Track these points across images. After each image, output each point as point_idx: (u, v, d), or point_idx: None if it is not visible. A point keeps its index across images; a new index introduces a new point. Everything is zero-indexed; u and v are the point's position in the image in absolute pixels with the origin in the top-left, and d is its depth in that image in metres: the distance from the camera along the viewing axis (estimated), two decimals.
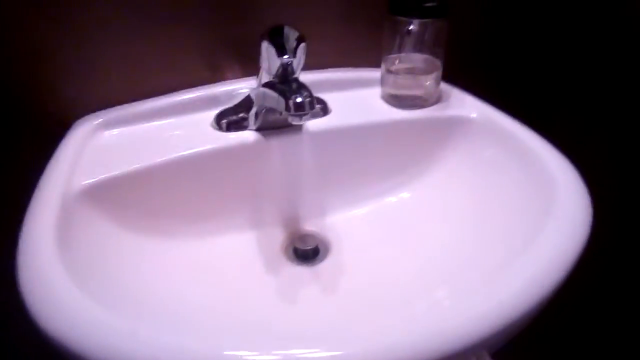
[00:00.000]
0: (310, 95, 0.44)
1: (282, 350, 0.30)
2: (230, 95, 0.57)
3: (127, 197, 0.47)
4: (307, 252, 0.53)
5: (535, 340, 0.96)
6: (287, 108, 0.44)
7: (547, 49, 0.78)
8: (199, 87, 0.58)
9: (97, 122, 0.53)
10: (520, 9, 0.73)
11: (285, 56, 0.45)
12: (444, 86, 0.62)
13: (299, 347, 0.30)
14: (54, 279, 0.34)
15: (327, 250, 0.54)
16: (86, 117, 0.54)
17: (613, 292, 0.79)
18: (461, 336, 0.32)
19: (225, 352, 0.30)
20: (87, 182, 0.45)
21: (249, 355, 0.29)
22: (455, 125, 0.57)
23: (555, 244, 0.39)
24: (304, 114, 0.44)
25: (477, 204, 0.53)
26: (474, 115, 0.57)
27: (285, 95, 0.44)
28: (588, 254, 0.40)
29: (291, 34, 0.47)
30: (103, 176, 0.46)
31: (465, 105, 0.59)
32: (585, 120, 0.78)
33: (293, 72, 0.47)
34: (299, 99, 0.43)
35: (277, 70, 0.46)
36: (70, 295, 0.33)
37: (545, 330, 0.93)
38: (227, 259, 0.51)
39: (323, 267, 0.52)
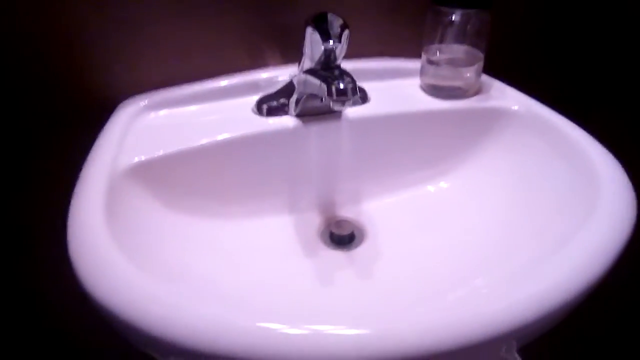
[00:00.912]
0: (353, 82, 0.44)
1: (312, 325, 0.31)
2: (271, 81, 0.58)
3: (171, 177, 0.48)
4: (343, 237, 0.53)
5: (568, 341, 0.94)
6: (330, 93, 0.44)
7: (590, 43, 0.76)
8: (242, 73, 0.59)
9: (143, 103, 0.55)
10: (564, 3, 0.72)
11: (330, 41, 0.46)
12: (485, 78, 0.61)
13: (328, 324, 0.31)
14: (102, 249, 0.35)
15: (362, 236, 0.54)
16: (132, 99, 0.56)
17: None
18: (494, 324, 0.32)
19: (258, 324, 0.30)
20: (133, 161, 0.46)
21: (279, 328, 0.30)
22: (496, 117, 0.56)
23: (598, 238, 0.38)
24: (347, 100, 0.44)
25: (518, 196, 0.52)
26: (515, 107, 0.56)
27: (328, 81, 0.44)
28: (631, 251, 0.40)
29: (335, 21, 0.47)
30: (149, 156, 0.47)
31: (507, 97, 0.58)
32: (630, 115, 0.76)
33: (336, 59, 0.47)
34: (341, 85, 0.44)
35: (320, 57, 0.47)
36: (118, 264, 0.34)
37: (578, 330, 0.91)
38: (265, 241, 0.52)
39: (358, 252, 0.52)
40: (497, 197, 0.54)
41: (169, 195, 0.48)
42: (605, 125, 0.76)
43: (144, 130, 0.52)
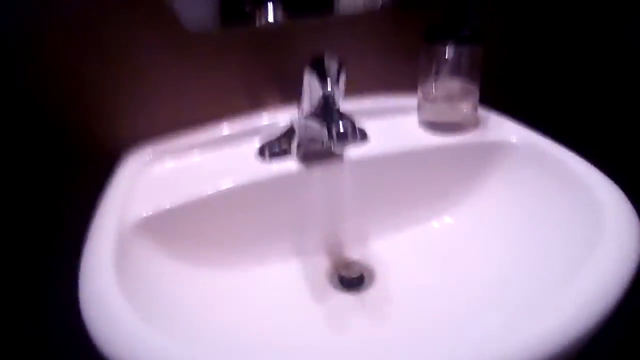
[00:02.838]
0: (352, 124, 0.45)
1: None
2: (272, 126, 0.58)
3: (179, 228, 0.49)
4: (352, 280, 0.53)
5: None
6: (330, 137, 0.45)
7: (579, 71, 0.78)
8: (244, 119, 0.60)
9: (147, 154, 0.55)
10: (550, 35, 0.74)
11: (328, 86, 0.47)
12: (482, 111, 0.62)
13: None
14: (114, 306, 0.36)
15: (372, 277, 0.54)
16: (137, 149, 0.57)
17: None
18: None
19: None
20: (141, 215, 0.47)
21: None
22: (495, 150, 0.57)
23: (605, 270, 0.38)
24: (347, 142, 0.45)
25: (521, 229, 0.52)
26: (513, 139, 0.57)
27: (328, 125, 0.45)
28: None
29: (332, 64, 0.48)
30: (156, 210, 0.48)
31: (504, 130, 0.59)
32: (626, 141, 0.77)
33: (334, 103, 0.48)
34: (341, 129, 0.45)
35: (319, 100, 0.47)
36: (130, 321, 0.34)
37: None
38: (275, 287, 0.52)
39: (369, 294, 0.52)
40: (501, 230, 0.54)
41: (177, 247, 0.49)
42: (604, 150, 0.78)
43: (149, 182, 0.52)
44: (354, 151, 0.56)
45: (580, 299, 0.36)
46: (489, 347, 0.33)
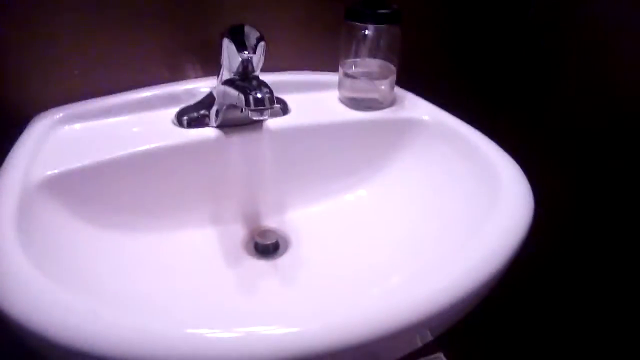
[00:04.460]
0: (270, 92, 0.46)
1: (243, 327, 0.31)
2: (191, 93, 0.58)
3: (87, 190, 0.47)
4: (267, 246, 0.54)
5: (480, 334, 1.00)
6: (247, 103, 0.45)
7: (491, 55, 0.83)
8: (161, 85, 0.59)
9: (57, 116, 0.53)
10: (467, 14, 0.78)
11: (245, 52, 0.47)
12: (399, 90, 0.65)
13: (260, 325, 0.31)
14: (15, 263, 0.34)
15: (287, 245, 0.55)
16: (47, 112, 0.54)
17: (554, 285, 0.83)
18: (407, 314, 0.34)
19: (188, 330, 0.30)
20: (47, 173, 0.45)
21: (210, 333, 0.30)
22: (408, 126, 0.60)
23: (501, 230, 0.42)
24: (264, 109, 0.45)
25: (430, 199, 0.56)
26: (426, 117, 0.60)
27: (246, 91, 0.45)
28: (531, 252, 0.43)
29: (252, 33, 0.48)
30: (62, 168, 0.46)
31: (418, 108, 0.62)
32: (527, 120, 0.84)
33: (253, 70, 0.48)
34: (259, 95, 0.45)
35: (238, 67, 0.48)
36: (31, 277, 0.33)
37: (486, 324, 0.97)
38: (188, 253, 0.52)
39: (283, 260, 0.53)
40: (411, 201, 0.57)
41: (86, 209, 0.47)
42: (510, 130, 0.84)
43: (59, 143, 0.50)
44: (273, 121, 0.56)
45: (475, 256, 0.39)
46: (385, 300, 0.35)
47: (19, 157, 0.46)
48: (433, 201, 0.55)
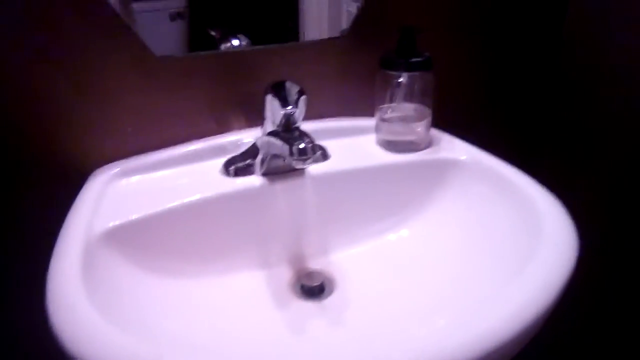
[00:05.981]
0: (312, 141, 0.49)
1: None
2: (236, 144, 0.61)
3: (144, 239, 0.51)
4: (313, 288, 0.55)
5: None
6: (291, 153, 0.48)
7: (529, 94, 0.84)
8: (208, 138, 0.63)
9: (115, 171, 0.57)
10: (502, 56, 0.79)
11: (288, 107, 0.50)
12: (435, 132, 0.67)
13: None
14: (81, 312, 0.37)
15: (332, 286, 0.57)
16: (105, 167, 0.58)
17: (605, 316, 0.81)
18: (454, 356, 0.35)
19: None
20: (108, 225, 0.49)
21: None
22: (446, 167, 0.61)
23: (544, 272, 0.42)
24: (307, 159, 0.48)
25: (471, 238, 0.56)
26: (463, 157, 0.61)
27: (289, 142, 0.48)
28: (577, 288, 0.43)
29: (292, 88, 0.52)
30: (123, 220, 0.50)
31: (455, 149, 0.63)
32: (570, 160, 0.83)
33: (295, 122, 0.51)
34: (301, 145, 0.48)
35: (281, 120, 0.51)
36: (97, 324, 0.36)
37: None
38: (239, 297, 0.54)
39: (329, 302, 0.55)
40: (453, 240, 0.58)
41: (144, 258, 0.50)
42: (551, 169, 0.83)
43: (117, 196, 0.54)
44: (315, 167, 0.59)
45: (518, 300, 0.39)
46: (433, 342, 0.36)
47: (82, 210, 0.50)
48: (474, 240, 0.56)
